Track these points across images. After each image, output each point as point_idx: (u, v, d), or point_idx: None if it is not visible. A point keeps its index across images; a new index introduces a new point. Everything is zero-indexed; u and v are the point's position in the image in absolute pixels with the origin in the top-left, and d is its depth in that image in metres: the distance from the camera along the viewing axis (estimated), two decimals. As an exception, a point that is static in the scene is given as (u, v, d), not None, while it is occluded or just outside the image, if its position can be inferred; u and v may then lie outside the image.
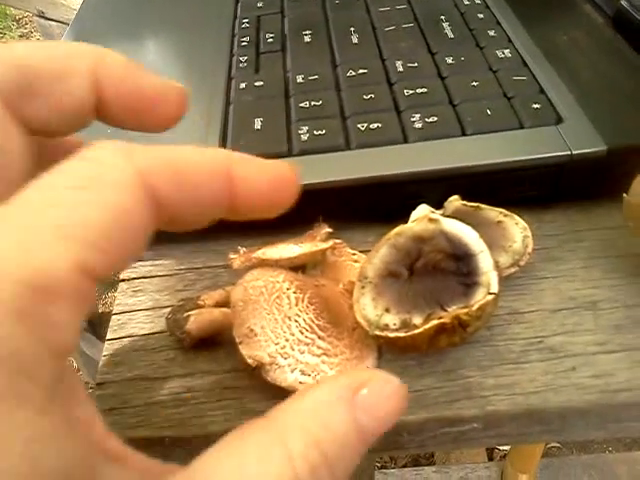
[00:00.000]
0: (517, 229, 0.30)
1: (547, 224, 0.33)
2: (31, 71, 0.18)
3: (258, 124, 0.35)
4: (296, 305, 0.27)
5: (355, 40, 0.43)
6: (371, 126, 0.34)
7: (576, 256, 0.31)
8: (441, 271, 0.27)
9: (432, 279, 0.27)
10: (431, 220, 0.27)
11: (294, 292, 0.27)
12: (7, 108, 0.17)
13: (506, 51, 0.39)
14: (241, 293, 0.27)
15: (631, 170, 0.29)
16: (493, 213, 0.30)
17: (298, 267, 0.30)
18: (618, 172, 0.30)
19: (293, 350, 0.25)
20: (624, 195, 0.28)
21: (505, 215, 0.30)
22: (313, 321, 0.26)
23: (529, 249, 0.29)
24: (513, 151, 0.31)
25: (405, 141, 0.33)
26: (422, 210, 0.29)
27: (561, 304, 0.29)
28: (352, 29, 0.44)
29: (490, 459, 1.13)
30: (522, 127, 0.33)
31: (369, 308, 0.26)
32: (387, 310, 0.26)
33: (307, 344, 0.26)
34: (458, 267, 0.27)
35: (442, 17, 0.44)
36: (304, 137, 0.34)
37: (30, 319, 0.13)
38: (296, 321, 0.26)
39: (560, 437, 0.27)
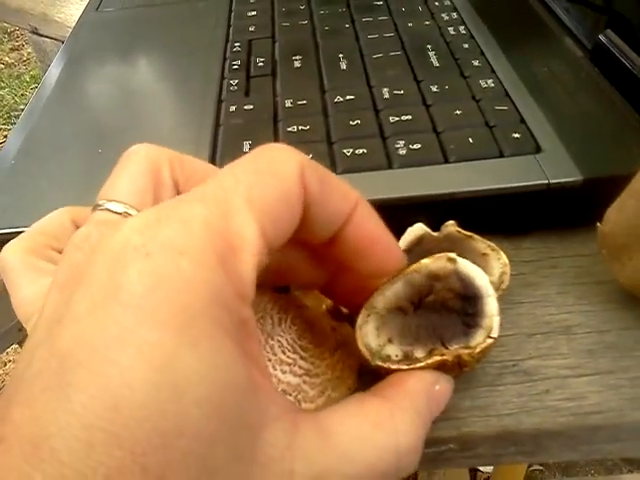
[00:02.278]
0: (497, 264, 0.30)
1: (525, 250, 0.34)
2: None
3: (247, 147, 0.36)
4: (279, 325, 0.27)
5: (344, 66, 0.44)
6: (357, 151, 0.35)
7: (552, 282, 0.32)
8: (447, 309, 0.27)
9: (437, 315, 0.27)
10: (449, 259, 0.28)
11: (277, 313, 0.28)
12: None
13: (489, 81, 0.41)
14: (226, 313, 0.27)
15: (605, 200, 0.30)
16: (482, 245, 0.30)
17: (282, 288, 0.31)
18: (593, 201, 0.31)
19: (275, 370, 0.26)
20: (598, 224, 0.30)
21: (492, 249, 0.30)
22: (295, 341, 0.27)
23: (504, 285, 0.29)
24: (493, 179, 0.33)
25: (389, 167, 0.34)
26: (418, 228, 0.30)
27: (536, 328, 0.30)
28: (341, 56, 0.45)
29: (473, 481, 1.14)
30: (502, 156, 0.34)
31: (372, 337, 0.26)
32: (390, 340, 0.26)
33: (289, 364, 0.26)
34: (464, 307, 0.27)
35: (428, 46, 0.45)
36: (291, 161, 0.34)
37: (227, 267, 0.16)
38: (279, 341, 0.27)
39: (534, 458, 0.28)
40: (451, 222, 0.30)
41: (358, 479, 0.18)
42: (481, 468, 1.14)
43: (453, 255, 0.28)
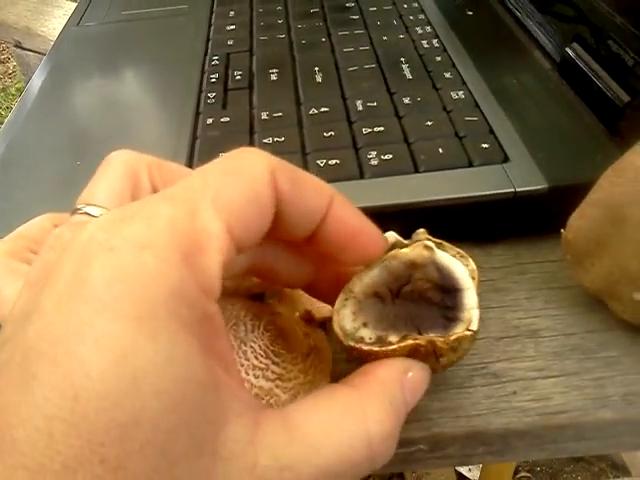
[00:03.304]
0: (466, 270, 0.31)
1: (494, 257, 0.35)
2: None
3: (223, 158, 0.37)
4: (252, 332, 0.28)
5: (319, 79, 0.45)
6: (330, 162, 0.36)
7: (520, 287, 0.33)
8: (426, 300, 0.27)
9: (416, 306, 0.27)
10: (426, 247, 0.28)
11: (250, 319, 0.28)
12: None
13: (460, 92, 0.42)
14: (200, 320, 0.28)
15: (571, 207, 0.31)
16: (451, 252, 0.31)
17: (256, 296, 0.31)
18: (560, 209, 0.32)
19: (248, 375, 0.27)
20: (562, 231, 0.31)
21: (461, 256, 0.31)
22: (268, 347, 0.28)
23: None
24: (461, 188, 0.33)
25: (361, 177, 0.35)
26: (389, 236, 0.30)
27: (505, 332, 0.31)
28: (317, 69, 0.46)
29: (461, 486, 1.14)
30: (471, 165, 0.35)
31: (347, 320, 0.26)
32: (365, 325, 0.26)
33: (262, 369, 0.27)
34: (443, 299, 0.27)
35: (402, 59, 0.46)
36: (266, 172, 0.35)
37: (191, 263, 0.17)
38: (252, 347, 0.27)
39: (502, 458, 0.29)
40: (421, 230, 0.31)
41: (329, 469, 0.18)
42: (469, 476, 1.15)
43: (430, 243, 0.28)
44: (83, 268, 0.16)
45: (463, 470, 1.15)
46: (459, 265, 0.27)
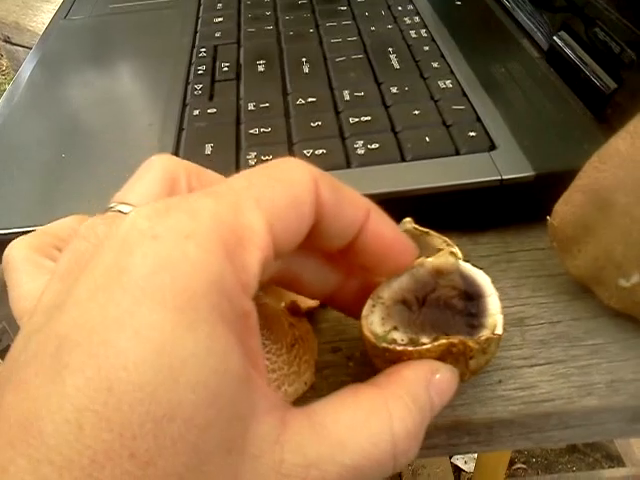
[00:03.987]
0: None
1: (482, 245, 0.35)
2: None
3: (209, 149, 0.37)
4: (236, 322, 0.28)
5: (307, 70, 0.45)
6: (316, 152, 0.36)
7: (507, 276, 0.33)
8: (450, 308, 0.27)
9: (441, 313, 0.27)
10: (452, 253, 0.28)
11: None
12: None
13: (447, 82, 0.41)
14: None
15: (558, 194, 0.31)
16: (438, 241, 0.31)
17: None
18: (547, 196, 0.31)
19: (231, 365, 0.26)
20: (548, 218, 0.30)
21: (448, 244, 0.31)
22: (252, 337, 0.27)
23: None
24: (448, 176, 0.33)
25: (348, 166, 0.35)
26: (406, 223, 0.30)
27: (491, 321, 0.31)
28: (304, 59, 0.46)
29: (457, 481, 1.14)
30: (458, 153, 0.35)
31: (377, 325, 0.26)
32: (395, 328, 0.26)
33: (245, 359, 0.27)
34: (467, 307, 0.27)
35: (390, 49, 0.46)
36: (252, 162, 0.35)
37: (233, 257, 0.17)
38: (235, 337, 0.27)
39: (489, 447, 0.29)
40: (408, 219, 0.30)
41: (354, 467, 0.18)
42: (465, 468, 1.15)
43: (455, 250, 0.28)
44: (124, 256, 0.16)
45: (459, 462, 1.15)
46: (481, 273, 0.28)
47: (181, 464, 0.15)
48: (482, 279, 0.28)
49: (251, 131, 0.38)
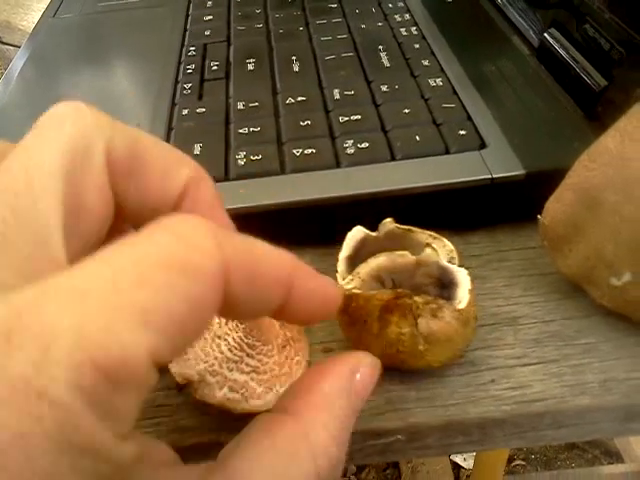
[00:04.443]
0: (444, 251, 0.31)
1: (473, 245, 0.35)
2: (144, 159, 0.19)
3: (197, 149, 0.36)
4: (226, 324, 0.27)
5: (296, 68, 0.44)
6: (306, 151, 0.35)
7: (499, 275, 0.33)
8: (424, 292, 0.28)
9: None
10: (433, 249, 0.29)
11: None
12: (111, 176, 0.18)
13: (438, 80, 0.41)
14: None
15: (548, 194, 0.31)
16: (423, 236, 0.31)
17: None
18: (538, 195, 0.31)
19: (222, 368, 0.26)
20: (538, 217, 0.30)
21: (434, 238, 0.31)
22: (242, 339, 0.27)
23: None
24: (438, 175, 0.33)
25: (338, 166, 0.35)
26: (357, 231, 0.31)
27: (483, 320, 0.31)
28: (294, 58, 0.46)
29: (457, 478, 1.14)
30: (448, 152, 0.35)
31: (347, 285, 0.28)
32: None
33: (236, 362, 0.27)
34: (440, 293, 0.28)
35: (380, 47, 0.46)
36: (241, 162, 0.35)
37: (100, 406, 0.13)
38: (225, 339, 0.27)
39: (482, 447, 0.29)
40: (388, 220, 0.31)
41: None
42: (464, 465, 1.15)
43: (435, 246, 0.29)
44: None
45: (458, 459, 1.16)
46: (459, 267, 0.29)
47: None
48: (458, 270, 0.28)
49: (240, 130, 0.38)
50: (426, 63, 0.43)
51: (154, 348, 0.13)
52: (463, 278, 0.28)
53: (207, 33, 0.51)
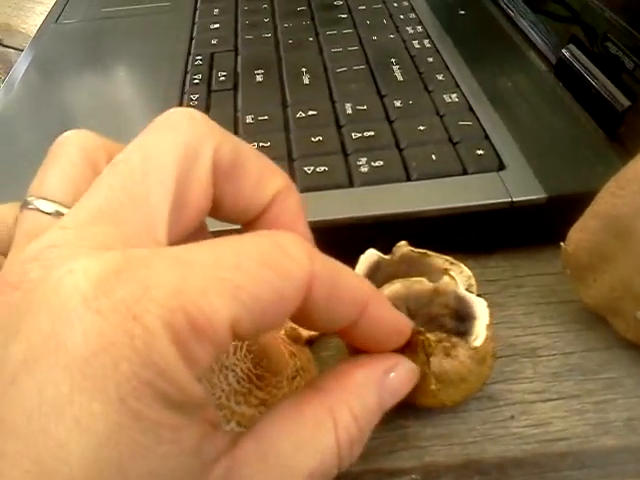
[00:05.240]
0: (461, 278, 0.30)
1: (490, 269, 0.34)
2: (244, 166, 0.21)
3: (205, 165, 0.35)
4: (234, 354, 0.26)
5: (306, 81, 0.43)
6: (317, 169, 0.34)
7: (517, 302, 0.32)
8: (439, 327, 0.27)
9: (428, 328, 0.26)
10: (451, 277, 0.28)
11: (232, 341, 0.26)
12: (214, 178, 0.20)
13: (453, 95, 0.40)
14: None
15: (570, 218, 0.29)
16: (440, 260, 0.30)
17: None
18: (558, 219, 0.30)
19: (229, 401, 0.25)
20: (562, 244, 0.29)
21: (451, 263, 0.30)
22: (251, 370, 0.26)
23: None
24: (455, 197, 0.32)
25: (350, 185, 0.33)
26: (370, 254, 0.29)
27: (501, 351, 0.29)
28: (304, 69, 0.44)
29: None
30: (466, 173, 0.34)
31: None
32: None
33: (244, 394, 0.25)
34: (456, 327, 0.27)
35: (392, 60, 0.45)
36: (250, 179, 0.33)
37: (181, 346, 0.15)
38: (233, 370, 0.26)
39: (499, 487, 0.27)
40: (403, 242, 0.29)
41: None
42: None
43: (453, 273, 0.28)
44: (62, 326, 0.14)
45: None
46: (478, 298, 0.27)
47: None
48: (476, 302, 0.27)
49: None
50: (440, 77, 0.42)
51: (236, 319, 0.15)
52: (481, 311, 0.26)
53: (214, 42, 0.50)
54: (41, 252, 0.16)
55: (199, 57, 0.48)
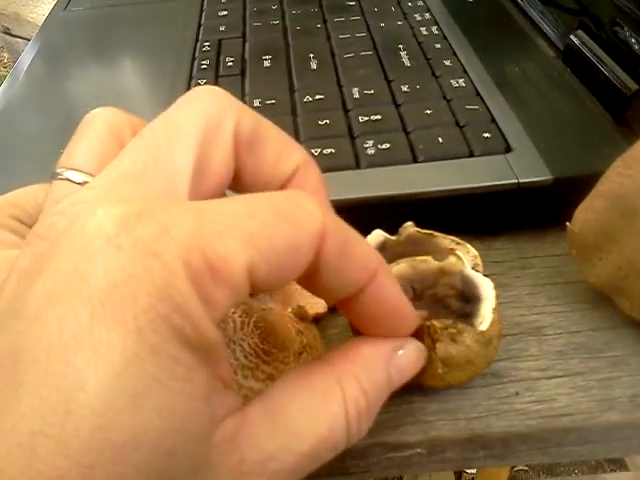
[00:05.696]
0: (468, 257, 0.30)
1: (496, 251, 0.34)
2: (264, 139, 0.21)
3: (213, 147, 0.35)
4: (241, 329, 0.26)
5: (314, 66, 0.43)
6: (324, 151, 0.34)
7: (522, 283, 0.32)
8: (446, 307, 0.27)
9: (433, 309, 0.27)
10: (458, 257, 0.28)
11: (240, 316, 0.27)
12: (236, 148, 0.21)
13: (460, 80, 0.40)
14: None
15: (576, 199, 0.29)
16: (446, 241, 0.30)
17: (247, 291, 0.30)
18: (564, 201, 0.30)
19: (237, 375, 0.25)
20: (567, 224, 0.29)
21: (457, 243, 0.30)
22: (258, 345, 0.26)
23: None
24: (461, 179, 0.32)
25: (357, 167, 0.33)
26: (376, 235, 0.30)
27: (507, 330, 0.29)
28: (312, 55, 0.44)
29: (459, 484, 1.13)
30: (472, 155, 0.34)
31: None
32: None
33: (251, 368, 0.25)
34: (462, 308, 0.27)
35: (400, 46, 0.45)
36: (258, 161, 0.34)
37: (199, 286, 0.15)
38: (240, 345, 0.26)
39: (504, 462, 0.27)
40: (409, 223, 0.29)
41: (311, 453, 0.18)
42: (467, 470, 1.14)
43: (460, 253, 0.28)
44: (85, 264, 0.15)
45: (461, 464, 1.14)
46: (484, 278, 0.27)
47: None
48: (483, 282, 0.27)
49: (257, 128, 0.37)
50: (448, 63, 0.42)
51: (251, 263, 0.16)
52: (488, 292, 0.26)
53: (222, 29, 0.50)
54: (69, 207, 0.17)
55: (207, 44, 0.48)
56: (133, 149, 0.19)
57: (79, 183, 0.20)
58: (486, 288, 0.27)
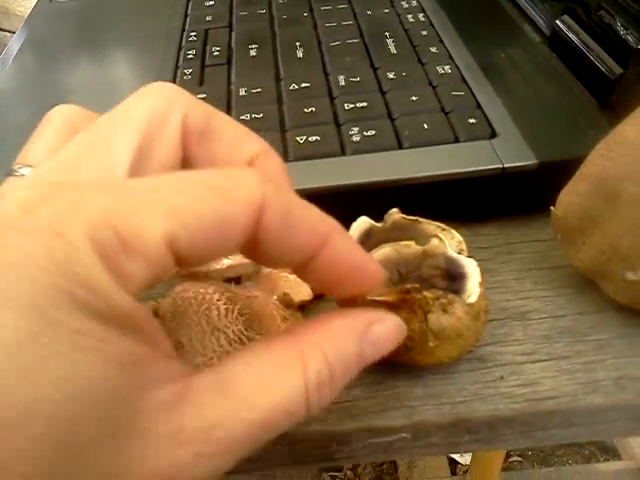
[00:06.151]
0: (453, 243, 0.30)
1: (482, 237, 0.34)
2: (216, 130, 0.22)
3: (198, 136, 0.35)
4: (226, 317, 0.26)
5: (300, 55, 0.43)
6: (310, 139, 0.34)
7: (509, 268, 0.32)
8: (432, 287, 0.27)
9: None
10: (440, 240, 0.28)
11: (224, 304, 0.27)
12: (185, 139, 0.21)
13: (446, 67, 0.40)
14: (170, 304, 0.27)
15: (562, 184, 0.29)
16: (431, 227, 0.30)
17: (233, 279, 0.30)
18: (550, 186, 0.30)
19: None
20: (551, 208, 0.29)
21: (443, 229, 0.30)
22: (242, 333, 0.26)
23: None
24: (447, 164, 0.32)
25: (342, 154, 0.33)
26: (362, 222, 0.30)
27: (492, 315, 0.30)
28: (298, 44, 0.44)
29: (453, 474, 1.14)
30: (457, 141, 0.34)
31: None
32: None
33: (235, 355, 0.25)
34: (448, 286, 0.27)
35: (386, 33, 0.45)
36: (243, 149, 0.34)
37: (109, 261, 0.15)
38: (225, 332, 0.26)
39: (490, 446, 0.28)
40: (394, 210, 0.29)
41: (263, 422, 0.18)
42: (460, 460, 1.15)
43: (442, 236, 0.28)
44: None
45: (455, 455, 1.15)
46: (468, 258, 0.27)
47: (46, 463, 0.14)
48: (467, 262, 0.27)
49: (242, 117, 0.37)
50: (434, 50, 0.42)
51: (172, 235, 0.16)
52: (473, 270, 0.27)
53: (208, 18, 0.50)
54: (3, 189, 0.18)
55: (193, 33, 0.48)
56: (75, 140, 0.19)
57: None
58: (470, 266, 0.27)
